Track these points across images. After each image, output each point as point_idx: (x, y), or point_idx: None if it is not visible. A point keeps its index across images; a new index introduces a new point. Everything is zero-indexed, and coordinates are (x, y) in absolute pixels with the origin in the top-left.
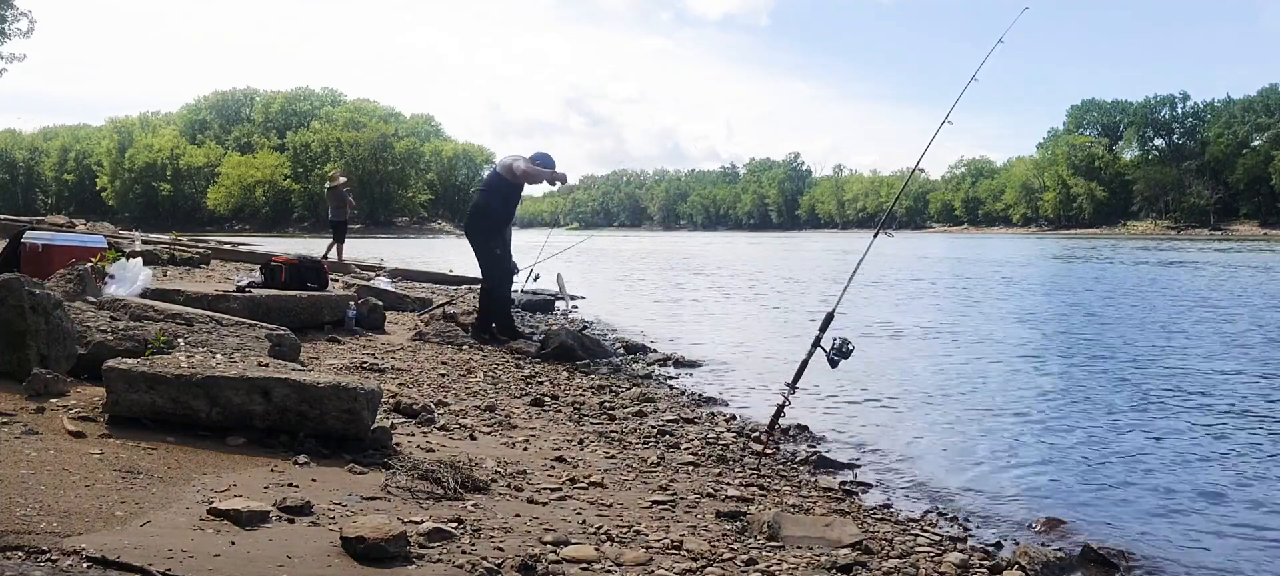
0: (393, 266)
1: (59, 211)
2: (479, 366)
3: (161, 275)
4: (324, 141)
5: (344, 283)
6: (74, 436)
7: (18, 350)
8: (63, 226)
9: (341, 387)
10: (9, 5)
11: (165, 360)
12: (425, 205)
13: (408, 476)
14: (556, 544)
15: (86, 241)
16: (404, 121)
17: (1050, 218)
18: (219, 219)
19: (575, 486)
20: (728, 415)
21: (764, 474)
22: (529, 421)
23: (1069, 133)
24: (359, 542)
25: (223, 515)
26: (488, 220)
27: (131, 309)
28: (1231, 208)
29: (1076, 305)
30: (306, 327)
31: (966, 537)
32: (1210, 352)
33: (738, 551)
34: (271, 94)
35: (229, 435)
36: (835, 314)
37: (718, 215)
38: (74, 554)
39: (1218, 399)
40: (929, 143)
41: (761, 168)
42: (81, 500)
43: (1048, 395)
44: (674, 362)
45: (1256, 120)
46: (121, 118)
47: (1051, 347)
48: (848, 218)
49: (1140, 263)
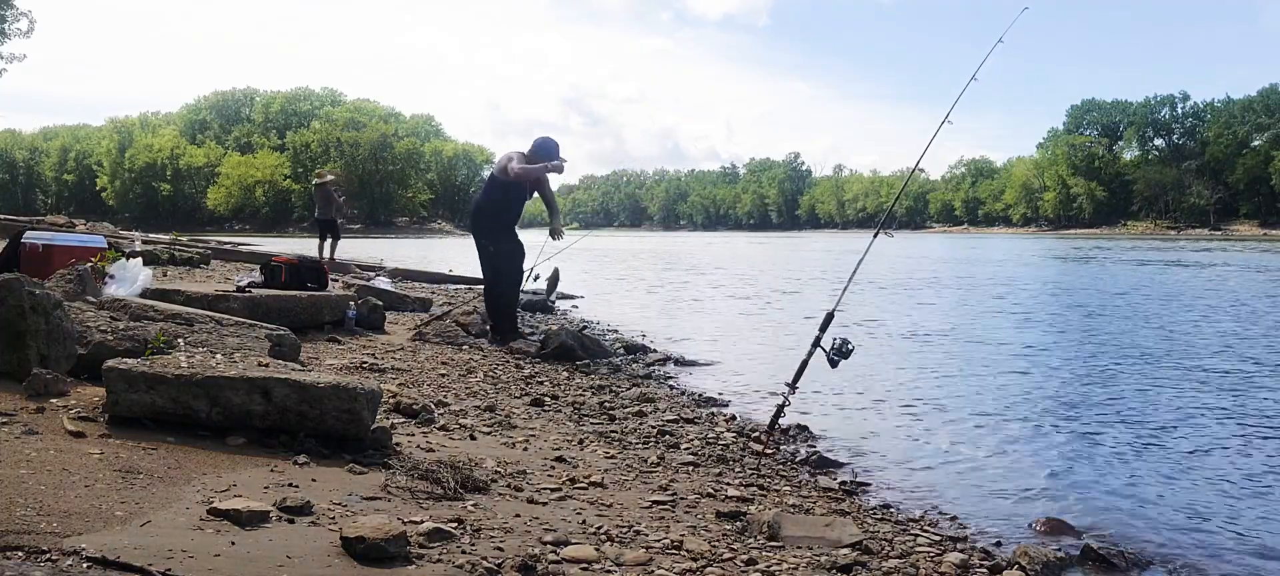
0: (393, 266)
1: (59, 211)
2: (479, 366)
3: (161, 275)
4: (324, 141)
5: (344, 282)
6: (74, 436)
7: (18, 350)
8: (63, 226)
9: (341, 387)
10: (9, 5)
11: (165, 360)
12: (425, 205)
13: (408, 476)
14: (556, 544)
15: (86, 241)
16: (404, 121)
17: (1050, 218)
18: (219, 219)
19: (575, 486)
20: (728, 415)
21: (764, 474)
22: (529, 421)
23: (1069, 133)
24: (359, 542)
25: (223, 515)
26: (485, 220)
27: (131, 309)
28: (1231, 208)
29: (1077, 305)
30: (306, 328)
31: (966, 537)
32: (1210, 352)
33: (738, 551)
34: (271, 94)
35: (229, 435)
36: (835, 313)
37: (718, 215)
38: (74, 554)
39: (1218, 399)
40: (929, 142)
41: (761, 168)
42: (81, 500)
43: (1047, 395)
44: (674, 362)
45: (1256, 120)
46: (121, 118)
47: (1052, 347)
48: (848, 218)
49: (1141, 263)
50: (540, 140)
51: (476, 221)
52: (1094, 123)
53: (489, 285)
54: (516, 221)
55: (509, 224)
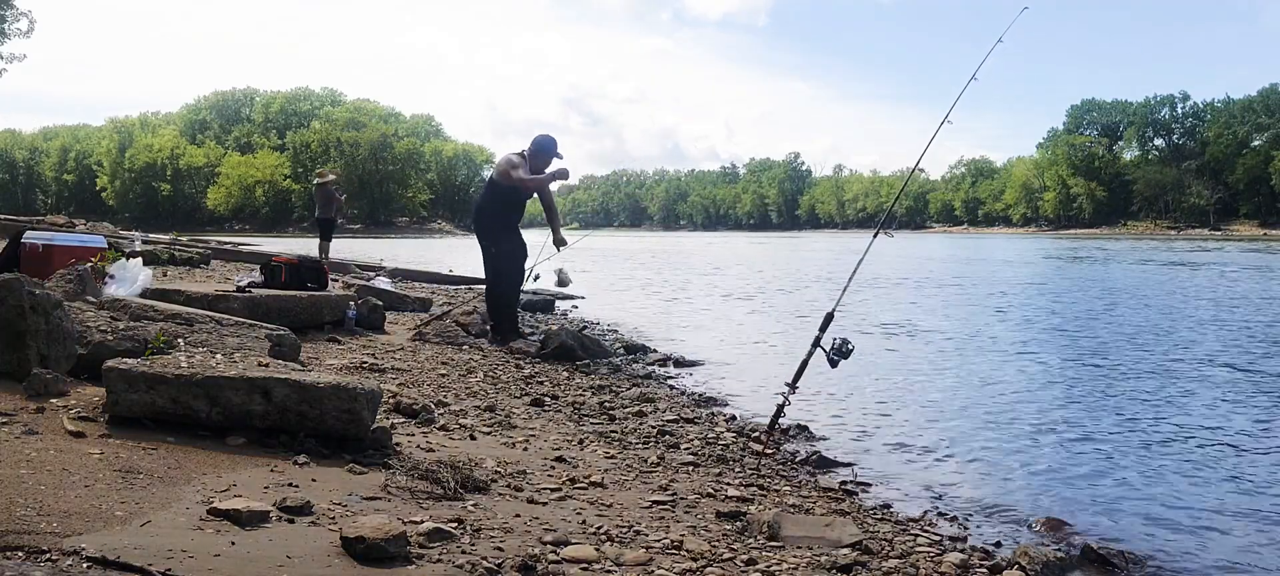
0: (393, 266)
1: (59, 211)
2: (479, 366)
3: (161, 275)
4: (324, 141)
5: (344, 282)
6: (74, 436)
7: (18, 350)
8: (63, 226)
9: (341, 387)
10: (9, 5)
11: (165, 360)
12: (425, 205)
13: (408, 476)
14: (556, 544)
15: (86, 241)
16: (404, 121)
17: (1050, 218)
18: (219, 219)
19: (575, 486)
20: (728, 415)
21: (764, 474)
22: (529, 421)
23: (1069, 133)
24: (359, 542)
25: (223, 515)
26: (486, 221)
27: (131, 309)
28: (1231, 208)
29: (1077, 305)
30: (306, 327)
31: (966, 537)
32: (1211, 352)
33: (738, 551)
34: (271, 94)
35: (229, 435)
36: (835, 313)
37: (718, 215)
38: (74, 554)
39: (1218, 398)
40: (929, 142)
41: (761, 168)
42: (81, 500)
43: (1047, 395)
44: (674, 362)
45: (1256, 120)
46: (121, 118)
47: (1052, 347)
48: (848, 218)
49: (1142, 262)
50: (539, 139)
51: (479, 222)
52: (1094, 123)
53: (490, 285)
54: (520, 221)
55: (511, 224)
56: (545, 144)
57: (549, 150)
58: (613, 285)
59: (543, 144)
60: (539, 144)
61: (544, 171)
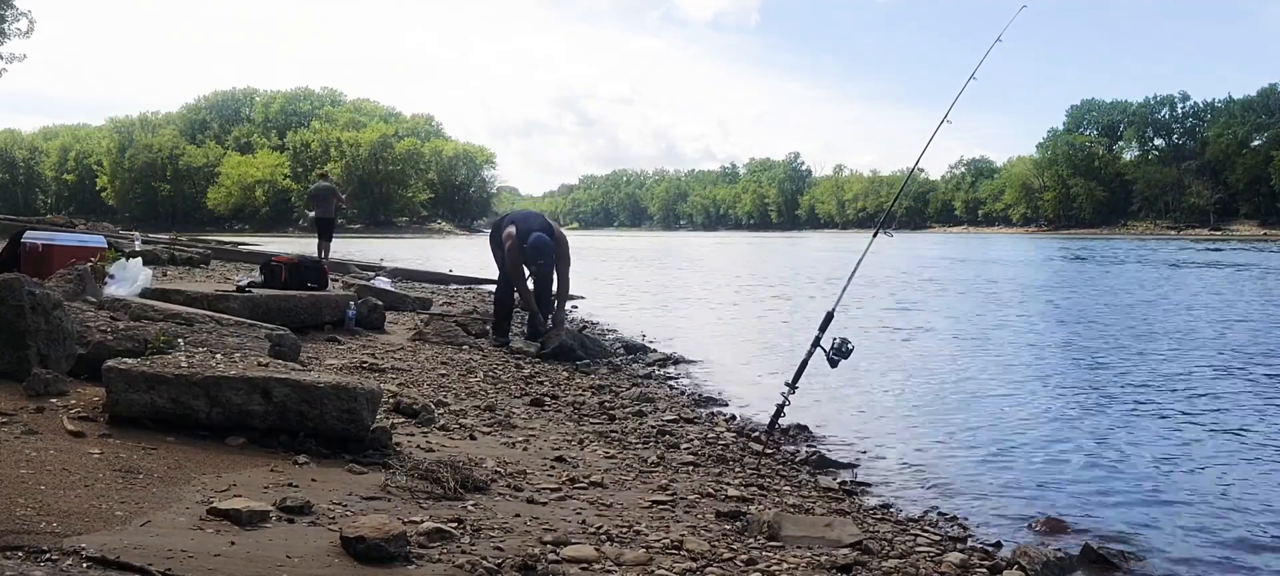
0: (393, 266)
1: (59, 211)
2: (479, 366)
3: (161, 275)
4: (324, 141)
5: (344, 282)
6: (74, 436)
7: (18, 350)
8: (63, 226)
9: (341, 387)
10: (9, 5)
11: (165, 360)
12: (425, 205)
13: (408, 476)
14: (556, 544)
15: (86, 241)
16: (404, 121)
17: (1050, 218)
18: (219, 219)
19: (575, 486)
20: (728, 415)
21: (764, 474)
22: (529, 421)
23: (1069, 133)
24: (359, 542)
25: (223, 515)
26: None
27: (131, 309)
28: (1231, 207)
29: (1076, 305)
30: (306, 327)
31: (966, 537)
32: (1211, 353)
33: (738, 551)
34: (271, 94)
35: (229, 435)
36: (835, 313)
37: (717, 215)
38: (74, 554)
39: (1219, 399)
40: (928, 142)
41: (761, 168)
42: (81, 500)
43: (1048, 395)
44: (674, 362)
45: (1256, 120)
46: (121, 118)
47: (1052, 347)
48: (848, 217)
49: (1142, 262)
50: (535, 238)
51: (539, 252)
52: (1094, 123)
53: (502, 287)
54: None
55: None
56: (538, 243)
57: (543, 251)
58: (613, 285)
59: (537, 244)
60: (535, 244)
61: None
